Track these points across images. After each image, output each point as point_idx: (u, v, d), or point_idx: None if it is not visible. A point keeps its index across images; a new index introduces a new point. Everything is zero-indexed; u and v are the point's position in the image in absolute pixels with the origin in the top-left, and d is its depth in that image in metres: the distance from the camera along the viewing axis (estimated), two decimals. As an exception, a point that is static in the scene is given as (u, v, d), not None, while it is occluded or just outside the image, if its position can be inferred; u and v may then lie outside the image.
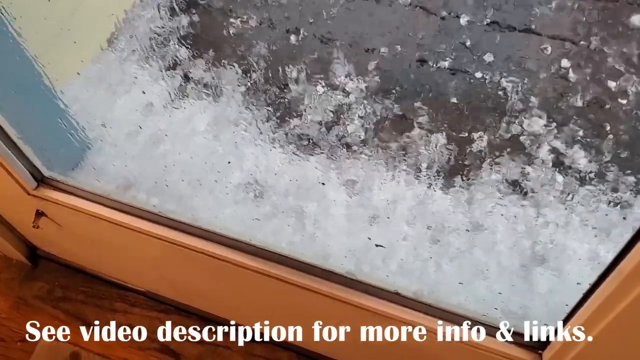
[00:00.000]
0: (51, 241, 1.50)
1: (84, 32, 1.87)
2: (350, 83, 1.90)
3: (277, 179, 1.71)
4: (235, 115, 1.84)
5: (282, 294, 1.15)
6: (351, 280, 1.08)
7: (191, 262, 1.20)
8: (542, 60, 1.92)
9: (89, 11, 1.87)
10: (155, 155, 1.74)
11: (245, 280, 1.17)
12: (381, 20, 2.05)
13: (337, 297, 1.07)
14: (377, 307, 1.05)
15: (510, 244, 1.58)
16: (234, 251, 1.12)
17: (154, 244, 1.18)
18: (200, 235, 1.15)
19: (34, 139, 1.29)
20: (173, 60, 1.97)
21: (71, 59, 1.86)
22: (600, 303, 0.81)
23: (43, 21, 1.69)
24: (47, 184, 1.23)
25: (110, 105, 1.83)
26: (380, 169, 1.73)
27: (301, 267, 1.10)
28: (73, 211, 1.22)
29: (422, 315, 1.04)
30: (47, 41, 1.71)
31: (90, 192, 1.20)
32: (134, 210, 1.18)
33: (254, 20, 2.06)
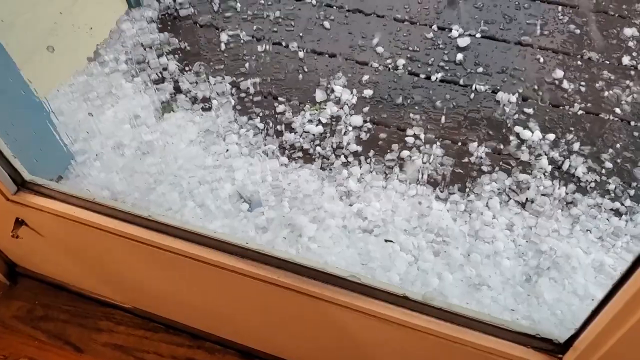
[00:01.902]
0: (31, 254, 1.41)
1: (69, 43, 1.82)
2: (343, 95, 1.86)
3: (269, 190, 1.65)
4: (225, 128, 1.79)
5: (280, 301, 1.08)
6: (356, 284, 1.01)
7: (182, 270, 1.13)
8: (536, 71, 1.90)
9: (74, 23, 1.83)
10: (142, 167, 1.67)
11: (240, 288, 1.10)
12: (373, 34, 2.03)
13: (341, 303, 1.01)
14: (384, 312, 0.99)
15: (512, 254, 1.53)
16: (229, 256, 1.05)
17: (143, 250, 1.11)
18: (192, 240, 1.08)
19: (15, 144, 1.22)
20: (160, 73, 1.92)
21: (56, 70, 1.81)
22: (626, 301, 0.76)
23: (27, 29, 1.64)
24: (28, 188, 1.16)
25: (96, 117, 1.77)
26: (376, 181, 1.68)
27: (301, 271, 1.04)
28: (56, 218, 1.14)
29: (433, 320, 0.97)
30: (32, 50, 1.66)
31: (74, 197, 1.13)
32: (121, 214, 1.10)
33: (244, 34, 2.03)
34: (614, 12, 2.02)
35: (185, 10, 2.10)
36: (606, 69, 1.88)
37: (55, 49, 1.76)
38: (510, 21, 2.03)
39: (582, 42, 1.95)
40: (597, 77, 1.87)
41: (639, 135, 1.75)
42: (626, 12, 2.01)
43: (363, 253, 1.52)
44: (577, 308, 1.42)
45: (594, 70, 1.88)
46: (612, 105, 1.81)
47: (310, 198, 1.64)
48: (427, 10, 2.08)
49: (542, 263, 1.51)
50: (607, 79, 1.86)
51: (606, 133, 1.76)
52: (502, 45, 1.98)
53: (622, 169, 1.69)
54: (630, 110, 1.79)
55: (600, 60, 1.90)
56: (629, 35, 1.94)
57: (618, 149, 1.73)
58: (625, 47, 1.92)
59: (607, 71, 1.87)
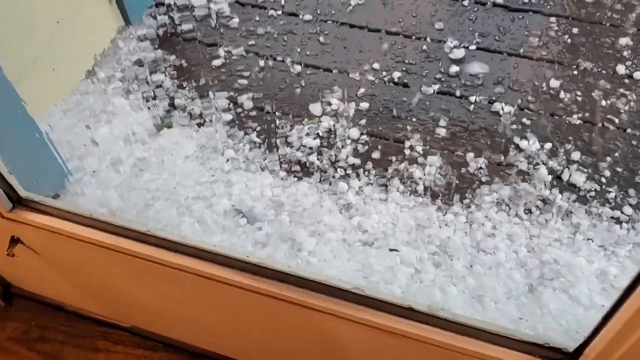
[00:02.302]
0: (27, 274, 1.39)
1: (64, 60, 1.81)
2: (339, 108, 1.86)
3: (267, 204, 1.64)
4: (222, 143, 1.78)
5: (282, 315, 1.06)
6: (359, 296, 1.00)
7: (182, 285, 1.11)
8: (532, 81, 1.91)
9: (69, 40, 1.82)
10: (139, 184, 1.66)
11: (241, 302, 1.08)
12: (368, 48, 2.03)
13: (345, 316, 0.99)
14: (389, 324, 0.97)
15: (514, 265, 1.52)
16: (230, 270, 1.03)
17: (141, 266, 1.09)
18: (192, 254, 1.06)
19: (10, 162, 1.21)
20: (156, 90, 1.91)
21: (51, 87, 1.80)
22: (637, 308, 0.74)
23: (22, 47, 1.63)
24: (24, 205, 1.14)
25: (91, 134, 1.76)
26: (375, 193, 1.67)
27: (304, 284, 1.02)
28: (52, 235, 1.12)
29: (439, 331, 0.95)
30: (26, 67, 1.65)
31: (71, 213, 1.11)
32: (119, 230, 1.09)
33: (239, 50, 2.03)
34: (607, 22, 2.03)
35: (180, 27, 2.10)
36: (602, 79, 1.89)
37: (51, 67, 1.75)
38: (504, 33, 2.04)
39: (576, 52, 1.96)
40: (593, 86, 1.87)
41: (637, 143, 1.75)
42: (619, 22, 2.02)
43: (364, 266, 1.50)
44: (582, 317, 1.40)
45: (589, 79, 1.89)
46: (609, 114, 1.81)
47: (309, 212, 1.62)
48: (421, 24, 2.09)
49: (545, 273, 1.50)
50: (603, 88, 1.86)
51: (604, 142, 1.76)
52: (497, 56, 1.98)
53: (622, 177, 1.69)
54: (627, 119, 1.79)
55: (596, 70, 1.91)
56: (623, 45, 1.95)
57: (617, 157, 1.73)
58: (620, 56, 1.93)
59: (603, 80, 1.88)
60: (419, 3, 2.15)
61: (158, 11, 2.13)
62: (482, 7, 2.12)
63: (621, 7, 2.06)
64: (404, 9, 2.13)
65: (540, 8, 2.10)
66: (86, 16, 1.85)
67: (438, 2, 2.15)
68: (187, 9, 2.15)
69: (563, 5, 2.10)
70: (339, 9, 2.14)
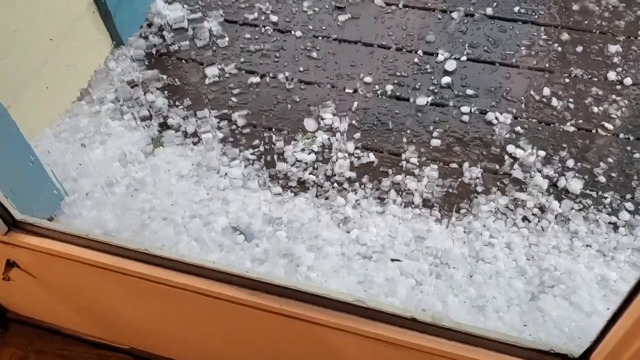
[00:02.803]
0: (23, 298, 1.37)
1: (56, 83, 1.81)
2: (333, 123, 1.86)
3: (264, 221, 1.63)
4: (217, 161, 1.77)
5: (284, 331, 1.05)
6: (362, 309, 0.99)
7: (182, 304, 1.10)
8: (524, 90, 1.92)
9: (61, 63, 1.82)
10: (134, 204, 1.65)
11: (242, 319, 1.06)
12: (360, 62, 2.04)
13: (348, 329, 0.98)
14: (393, 336, 0.96)
15: (514, 273, 1.51)
16: (230, 286, 1.02)
17: (140, 286, 1.08)
18: (191, 272, 1.04)
19: (4, 186, 1.20)
20: (149, 110, 1.91)
21: (44, 110, 1.79)
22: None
23: (13, 71, 1.63)
24: (19, 228, 1.12)
25: (85, 155, 1.75)
26: (372, 206, 1.66)
27: (305, 298, 1.01)
28: (49, 257, 1.11)
29: (444, 341, 0.95)
30: (19, 91, 1.64)
31: (67, 234, 1.09)
32: (117, 249, 1.07)
33: (230, 67, 2.03)
34: (596, 29, 2.05)
35: (172, 47, 2.10)
36: (593, 85, 1.90)
37: (43, 89, 1.75)
38: (494, 43, 2.05)
39: (567, 60, 1.97)
40: (585, 93, 1.88)
41: (631, 149, 1.76)
42: (608, 29, 2.04)
43: (364, 279, 1.49)
44: (585, 324, 1.39)
45: (581, 87, 1.90)
46: (602, 121, 1.82)
47: (307, 227, 1.61)
48: (412, 37, 2.10)
49: (545, 281, 1.49)
50: (595, 95, 1.87)
51: (598, 148, 1.77)
52: (488, 67, 1.99)
53: (617, 182, 1.69)
54: (620, 125, 1.80)
55: (587, 77, 1.92)
56: (613, 52, 1.97)
57: (611, 163, 1.73)
58: (610, 63, 1.94)
59: (594, 87, 1.89)
60: (409, 16, 2.16)
61: (149, 31, 2.13)
62: (472, 19, 2.14)
63: (609, 15, 2.08)
64: (394, 23, 2.14)
65: (530, 18, 2.12)
66: (78, 38, 1.86)
67: (428, 15, 2.16)
68: (178, 29, 2.15)
69: (552, 15, 2.12)
70: (330, 24, 2.15)
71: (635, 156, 1.74)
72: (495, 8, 2.15)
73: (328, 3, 2.22)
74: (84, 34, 1.89)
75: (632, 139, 1.79)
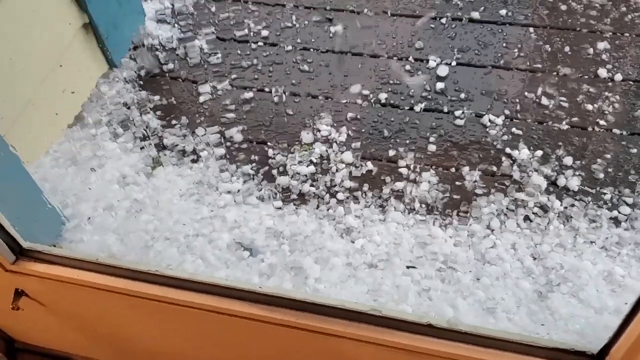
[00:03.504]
0: (32, 327, 1.35)
1: (50, 109, 1.80)
2: (330, 134, 1.86)
3: (268, 235, 1.62)
4: (216, 178, 1.77)
5: (300, 345, 1.04)
6: (378, 318, 0.99)
7: (196, 324, 1.09)
8: (517, 91, 1.93)
9: (54, 89, 1.81)
10: (136, 226, 1.64)
11: (258, 335, 1.06)
12: (352, 72, 2.05)
13: (365, 339, 0.98)
14: (411, 343, 0.96)
15: (521, 273, 1.52)
16: (244, 303, 1.02)
17: (153, 308, 1.07)
18: (203, 291, 1.04)
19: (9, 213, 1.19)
20: (145, 130, 1.91)
21: (40, 136, 1.78)
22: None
23: (7, 98, 1.62)
24: (27, 256, 1.11)
25: (83, 180, 1.74)
26: (374, 214, 1.67)
27: (319, 310, 1.00)
28: (58, 284, 1.10)
29: (461, 345, 0.95)
30: (14, 118, 1.64)
31: (76, 260, 1.09)
32: (127, 272, 1.07)
33: (224, 84, 2.03)
34: (583, 28, 2.07)
35: (163, 67, 2.10)
36: (585, 83, 1.92)
37: (38, 116, 1.74)
38: (484, 47, 2.07)
39: (557, 59, 1.99)
40: (577, 91, 1.90)
41: (626, 143, 1.77)
42: (595, 28, 2.07)
43: (372, 288, 1.49)
44: (595, 320, 1.40)
45: (573, 85, 1.92)
46: (596, 117, 1.84)
47: (311, 239, 1.61)
48: (402, 44, 2.12)
49: (552, 279, 1.50)
50: (586, 93, 1.90)
51: (594, 145, 1.78)
52: (480, 70, 2.01)
53: (615, 178, 1.71)
54: (614, 120, 1.82)
55: (578, 75, 1.94)
56: (601, 49, 1.99)
57: (608, 158, 1.75)
58: (600, 60, 1.97)
59: (585, 85, 1.91)
60: (398, 25, 2.18)
61: (140, 52, 2.13)
62: (460, 24, 2.16)
63: (595, 13, 2.11)
64: (383, 32, 2.16)
65: (517, 20, 2.15)
66: (70, 63, 1.85)
67: (416, 22, 2.18)
68: (170, 49, 2.15)
69: (539, 16, 2.14)
70: (320, 37, 2.16)
71: (631, 151, 1.76)
72: (482, 12, 2.17)
73: (317, 16, 2.23)
74: (76, 58, 1.89)
75: (625, 134, 1.81)
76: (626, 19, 2.09)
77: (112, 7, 1.99)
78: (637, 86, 1.91)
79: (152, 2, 2.28)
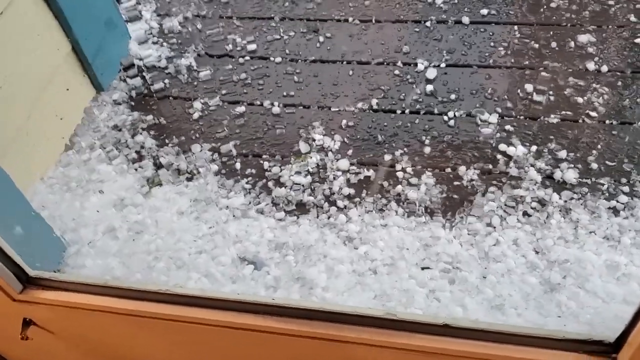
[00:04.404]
0: (40, 356, 1.33)
1: (42, 135, 1.79)
2: (325, 142, 1.87)
3: (271, 247, 1.62)
4: (214, 194, 1.77)
5: (317, 354, 1.04)
6: (393, 322, 0.99)
7: (210, 340, 1.08)
8: (507, 89, 1.95)
9: (45, 115, 1.80)
10: (138, 247, 1.63)
11: (274, 348, 1.05)
12: (342, 80, 2.06)
13: (382, 344, 0.98)
14: (428, 345, 0.96)
15: (525, 269, 1.52)
16: (257, 316, 1.01)
17: (167, 328, 1.06)
18: (217, 307, 1.03)
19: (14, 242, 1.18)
20: (139, 151, 1.90)
21: (33, 163, 1.77)
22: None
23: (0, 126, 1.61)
24: (34, 284, 1.10)
25: (81, 204, 1.73)
26: (375, 220, 1.67)
27: (334, 318, 1.00)
28: (68, 310, 1.08)
29: (480, 343, 0.95)
30: (6, 147, 1.62)
31: (85, 284, 1.08)
32: (138, 293, 1.06)
33: (215, 100, 2.03)
34: (566, 22, 2.10)
35: (153, 86, 2.10)
36: (572, 76, 1.94)
37: (30, 142, 1.73)
38: (470, 47, 2.09)
39: (544, 55, 2.02)
40: (565, 85, 1.92)
41: (618, 132, 1.80)
42: (576, 21, 2.10)
43: (379, 294, 1.49)
44: (603, 309, 1.41)
45: (560, 79, 1.94)
46: (586, 109, 1.86)
47: (314, 248, 1.61)
48: (390, 50, 2.13)
49: (557, 272, 1.50)
50: (575, 86, 1.92)
51: (587, 136, 1.80)
52: (468, 70, 2.03)
53: (610, 167, 1.72)
54: (604, 112, 1.84)
55: (565, 69, 1.96)
56: (586, 42, 2.02)
57: (601, 149, 1.77)
58: (585, 53, 1.99)
59: (572, 78, 1.93)
60: (384, 31, 2.19)
61: (129, 74, 2.13)
62: (445, 26, 2.18)
63: (576, 7, 2.13)
64: (370, 38, 2.17)
65: (500, 19, 2.17)
66: (60, 88, 1.85)
67: (402, 27, 2.20)
68: (158, 68, 2.15)
69: (523, 13, 2.17)
70: (307, 47, 2.17)
71: (623, 140, 1.78)
72: (466, 13, 2.20)
73: (303, 27, 2.24)
74: (66, 83, 1.88)
75: (616, 123, 1.83)
76: (610, 11, 2.12)
77: (97, 32, 1.98)
78: (623, 76, 1.93)
79: (139, 23, 2.27)
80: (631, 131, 1.80)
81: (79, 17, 1.85)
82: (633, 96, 1.88)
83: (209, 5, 2.36)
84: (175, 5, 2.38)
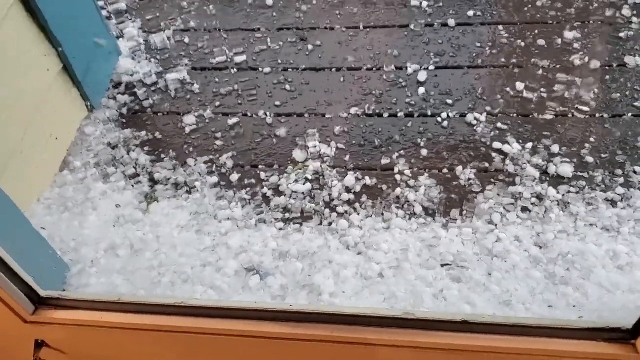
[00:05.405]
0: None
1: (36, 157, 1.77)
2: (321, 149, 1.87)
3: (275, 256, 1.62)
4: (214, 206, 1.76)
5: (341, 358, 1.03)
6: (412, 321, 0.99)
7: (226, 350, 1.07)
8: (497, 88, 1.98)
9: (38, 136, 1.78)
10: (141, 263, 1.62)
11: (294, 355, 1.05)
12: (334, 87, 2.07)
13: (402, 344, 0.98)
14: (448, 342, 0.96)
15: (529, 264, 1.54)
16: (276, 324, 1.01)
17: (184, 342, 1.05)
18: (234, 317, 1.03)
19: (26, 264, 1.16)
20: (135, 168, 1.89)
21: (29, 185, 1.75)
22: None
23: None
24: (46, 304, 1.09)
25: (80, 224, 1.71)
26: (377, 223, 1.68)
27: (352, 321, 1.00)
28: (81, 328, 1.07)
29: (499, 337, 0.95)
30: (1, 168, 1.60)
31: (98, 302, 1.06)
32: (153, 308, 1.05)
33: (208, 113, 2.03)
34: (551, 20, 2.13)
35: (144, 102, 2.09)
36: (561, 72, 1.97)
37: (25, 164, 1.71)
38: (458, 49, 2.12)
39: (531, 53, 2.05)
40: (554, 81, 1.95)
41: (609, 125, 1.82)
42: (561, 18, 2.13)
43: (387, 296, 1.50)
44: (608, 299, 1.42)
45: (549, 75, 1.97)
46: (577, 104, 1.89)
47: (318, 255, 1.61)
48: (379, 55, 2.15)
49: (560, 265, 1.52)
50: (564, 82, 1.95)
51: (579, 131, 1.83)
52: (458, 71, 2.05)
53: (604, 160, 1.75)
54: (595, 105, 1.87)
55: (554, 66, 1.99)
56: (571, 38, 2.05)
57: (594, 142, 1.79)
58: (572, 49, 2.03)
59: (562, 74, 1.96)
60: (372, 36, 2.21)
61: (119, 91, 2.12)
62: (431, 29, 2.20)
63: (561, 5, 2.17)
64: (359, 45, 2.19)
65: (486, 19, 2.20)
66: (52, 109, 1.83)
67: (389, 32, 2.22)
68: (149, 83, 2.15)
69: (507, 13, 2.20)
70: (297, 56, 2.18)
71: (614, 132, 1.81)
72: (452, 15, 2.22)
73: (291, 36, 2.25)
74: (57, 103, 1.87)
75: (607, 116, 1.86)
76: (593, 7, 2.16)
77: (86, 50, 1.97)
78: (610, 70, 1.97)
79: (127, 40, 2.27)
80: (622, 123, 1.83)
81: (68, 36, 1.83)
82: (621, 89, 1.91)
83: (196, 19, 2.36)
84: (163, 20, 2.38)
